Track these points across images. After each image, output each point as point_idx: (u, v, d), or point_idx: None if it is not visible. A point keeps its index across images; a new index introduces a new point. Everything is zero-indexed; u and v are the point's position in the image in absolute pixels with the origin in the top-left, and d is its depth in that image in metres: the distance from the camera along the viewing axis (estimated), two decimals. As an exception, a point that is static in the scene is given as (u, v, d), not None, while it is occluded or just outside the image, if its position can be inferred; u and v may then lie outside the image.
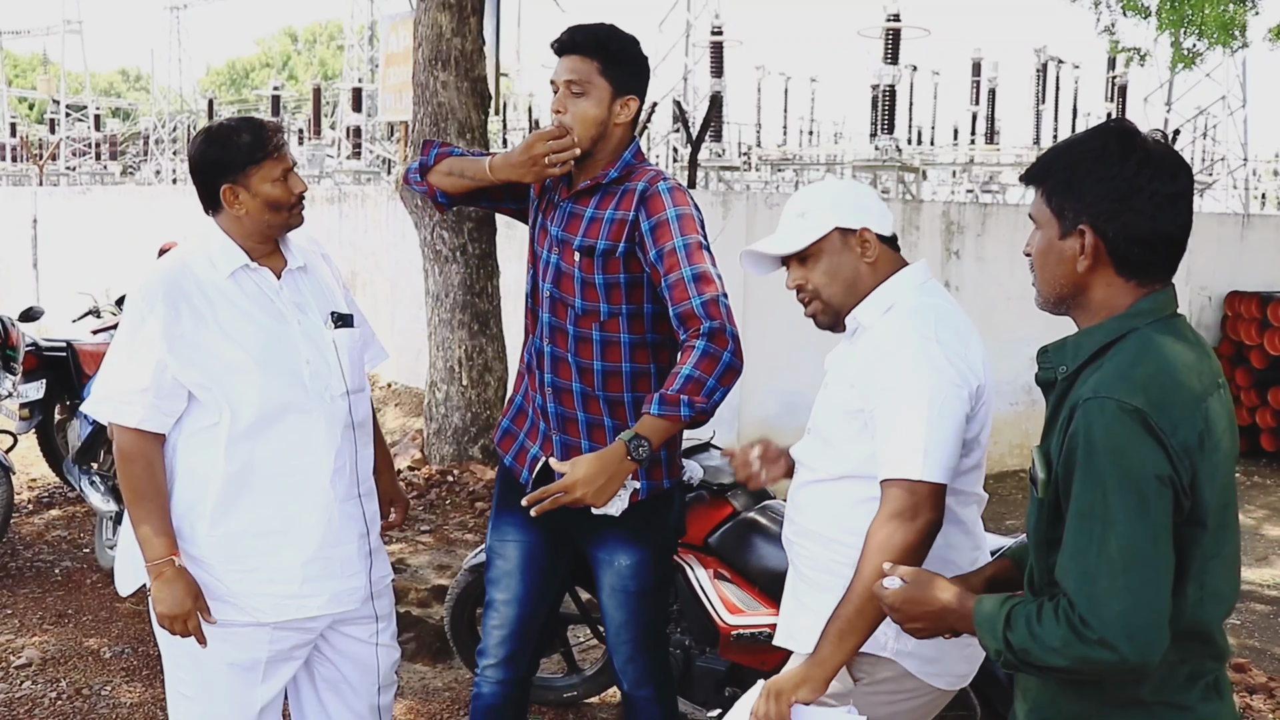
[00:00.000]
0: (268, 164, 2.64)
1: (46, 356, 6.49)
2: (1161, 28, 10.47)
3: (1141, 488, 1.70)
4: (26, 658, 4.65)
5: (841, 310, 2.42)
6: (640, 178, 2.76)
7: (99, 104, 29.85)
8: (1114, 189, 1.83)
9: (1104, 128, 1.90)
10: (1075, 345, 1.89)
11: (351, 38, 23.94)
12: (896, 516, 2.17)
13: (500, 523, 3.00)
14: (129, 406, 2.61)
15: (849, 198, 2.44)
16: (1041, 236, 1.92)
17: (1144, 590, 1.69)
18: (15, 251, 15.30)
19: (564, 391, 2.82)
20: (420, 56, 6.73)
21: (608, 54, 2.72)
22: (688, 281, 2.64)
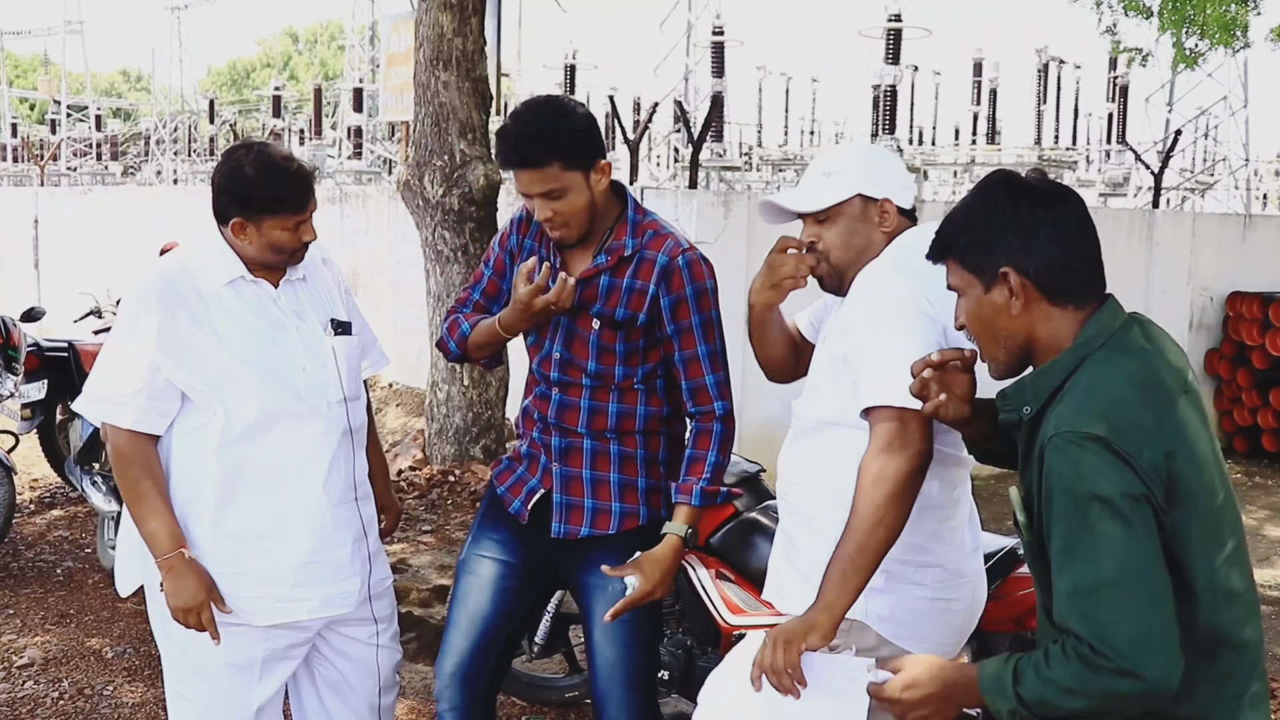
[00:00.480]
0: (285, 215, 2.63)
1: (48, 357, 6.49)
2: (1163, 28, 10.48)
3: (1119, 509, 1.70)
4: (29, 658, 4.66)
5: (846, 273, 2.43)
6: (659, 246, 2.71)
7: (100, 104, 29.84)
8: (1019, 229, 1.89)
9: (986, 182, 1.98)
10: (1033, 385, 1.91)
11: (352, 38, 23.94)
12: (887, 448, 2.16)
13: (482, 537, 2.92)
14: (121, 408, 2.61)
15: (876, 165, 2.44)
16: (969, 300, 1.96)
17: (1150, 608, 1.69)
18: (17, 252, 15.31)
19: (570, 432, 2.80)
20: (421, 56, 6.73)
21: (561, 152, 2.61)
22: (703, 359, 2.73)
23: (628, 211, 2.76)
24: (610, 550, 2.78)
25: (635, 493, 2.80)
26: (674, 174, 15.03)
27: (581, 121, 2.67)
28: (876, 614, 2.33)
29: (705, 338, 2.75)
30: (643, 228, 2.75)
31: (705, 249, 2.90)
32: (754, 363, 2.82)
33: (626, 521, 2.79)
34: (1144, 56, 11.62)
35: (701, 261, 2.75)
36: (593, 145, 2.67)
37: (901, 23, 10.13)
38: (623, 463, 2.79)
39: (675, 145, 16.82)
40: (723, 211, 7.26)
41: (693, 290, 2.72)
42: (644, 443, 2.81)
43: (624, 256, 2.72)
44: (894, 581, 2.32)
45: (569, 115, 2.65)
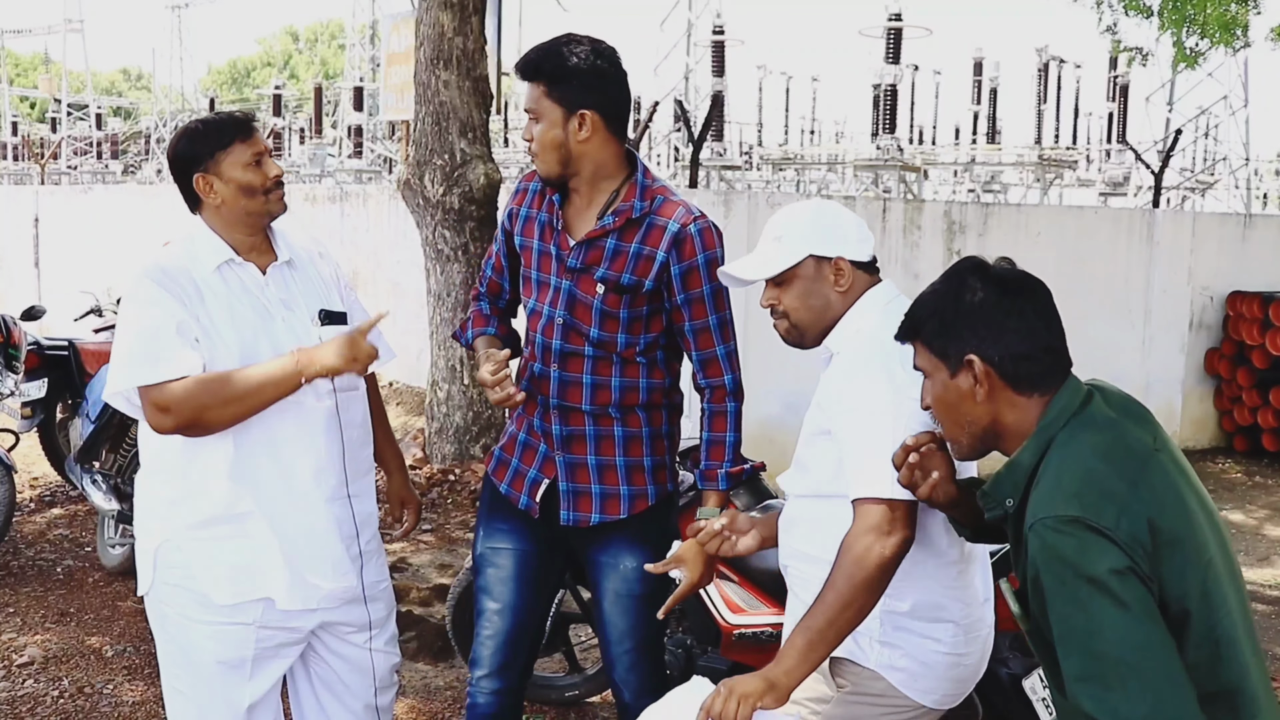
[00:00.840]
0: (236, 148, 2.63)
1: (48, 355, 6.50)
2: (1164, 27, 10.47)
3: (1107, 586, 1.71)
4: (29, 656, 4.66)
5: (808, 332, 2.45)
6: (669, 213, 2.70)
7: (100, 103, 29.85)
8: (985, 319, 1.94)
9: (956, 269, 2.01)
10: (1010, 478, 1.94)
11: (353, 37, 23.95)
12: (871, 531, 2.18)
13: (492, 530, 2.94)
14: (163, 362, 2.51)
15: (826, 226, 2.43)
16: (935, 383, 2.00)
17: (1158, 680, 1.69)
18: (17, 250, 15.31)
19: (572, 412, 2.79)
20: (422, 56, 6.73)
21: (545, 75, 2.64)
22: (714, 329, 2.74)
23: (636, 175, 2.74)
24: (624, 533, 2.80)
25: (642, 473, 2.80)
26: (674, 173, 15.04)
27: (582, 62, 2.65)
28: (889, 664, 2.33)
29: (715, 307, 2.74)
30: (651, 192, 2.73)
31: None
32: (753, 360, 2.83)
33: (636, 504, 2.80)
34: (1144, 56, 11.62)
35: (712, 229, 2.74)
36: (584, 86, 2.64)
37: (902, 22, 10.14)
38: (628, 444, 2.79)
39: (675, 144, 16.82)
40: (723, 211, 7.26)
41: (704, 258, 2.70)
42: (648, 418, 2.80)
43: (631, 219, 2.70)
44: (908, 635, 2.32)
45: (574, 52, 2.65)
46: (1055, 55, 17.94)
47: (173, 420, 2.52)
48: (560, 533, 2.85)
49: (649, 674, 2.92)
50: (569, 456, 2.80)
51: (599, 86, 2.66)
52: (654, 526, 2.83)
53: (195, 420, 2.53)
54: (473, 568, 3.01)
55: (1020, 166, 16.30)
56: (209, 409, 2.52)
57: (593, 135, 2.66)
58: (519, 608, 2.91)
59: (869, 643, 2.32)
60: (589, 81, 2.65)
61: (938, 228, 8.21)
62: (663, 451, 2.83)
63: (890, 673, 2.33)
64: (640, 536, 2.82)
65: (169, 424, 2.53)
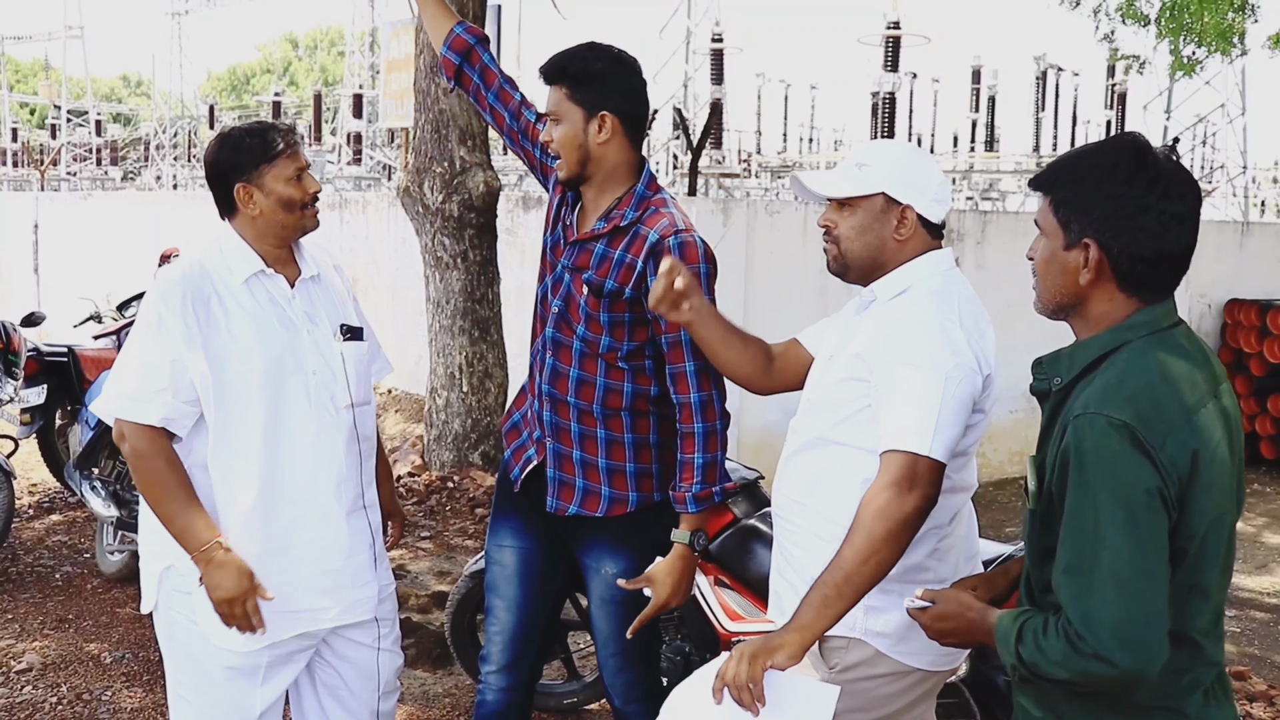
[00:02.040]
0: (280, 162, 2.65)
1: (48, 362, 6.50)
2: (1161, 36, 10.50)
3: (1131, 502, 1.72)
4: (27, 663, 4.66)
5: (853, 267, 2.42)
6: (654, 224, 2.72)
7: (100, 109, 29.89)
8: (1122, 207, 1.83)
9: (1117, 141, 1.90)
10: (1069, 358, 1.91)
11: (353, 44, 23.99)
12: (895, 485, 2.15)
13: (497, 528, 3.01)
14: (147, 404, 2.58)
15: (911, 169, 2.39)
16: (1046, 245, 1.93)
17: (1136, 603, 1.71)
18: (17, 256, 15.31)
19: (560, 402, 2.83)
20: (422, 63, 6.74)
21: (569, 77, 2.71)
22: (684, 345, 2.71)
23: (638, 185, 2.78)
24: (605, 537, 2.84)
25: (624, 478, 2.82)
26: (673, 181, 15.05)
27: (603, 65, 2.73)
28: (874, 630, 2.34)
29: (666, 326, 2.71)
30: (647, 203, 2.76)
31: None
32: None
33: (615, 507, 2.82)
34: (1141, 64, 11.65)
35: (695, 244, 2.72)
36: (604, 89, 2.71)
37: (900, 30, 10.16)
38: (610, 448, 2.81)
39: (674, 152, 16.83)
40: (722, 219, 7.27)
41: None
42: (631, 424, 2.81)
43: (619, 227, 2.74)
44: (892, 598, 2.31)
45: (596, 55, 2.74)
46: (1053, 63, 17.96)
47: (124, 450, 2.64)
48: (555, 526, 2.89)
49: (639, 678, 2.95)
50: (557, 445, 2.85)
51: (619, 91, 2.73)
52: (636, 533, 2.84)
53: (132, 466, 2.65)
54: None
55: (1019, 174, 16.32)
56: (140, 475, 2.61)
57: (611, 138, 2.73)
58: (523, 604, 2.95)
59: (853, 614, 2.28)
60: (610, 85, 2.72)
61: (936, 235, 8.22)
62: (648, 460, 2.83)
63: (876, 639, 2.33)
64: (621, 542, 2.84)
65: (122, 449, 2.65)
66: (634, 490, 2.82)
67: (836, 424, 2.36)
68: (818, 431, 2.40)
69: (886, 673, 2.36)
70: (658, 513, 2.87)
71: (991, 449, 8.48)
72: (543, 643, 3.05)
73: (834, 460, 2.36)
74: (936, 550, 2.38)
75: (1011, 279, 8.66)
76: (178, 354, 2.57)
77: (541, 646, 3.06)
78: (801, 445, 2.45)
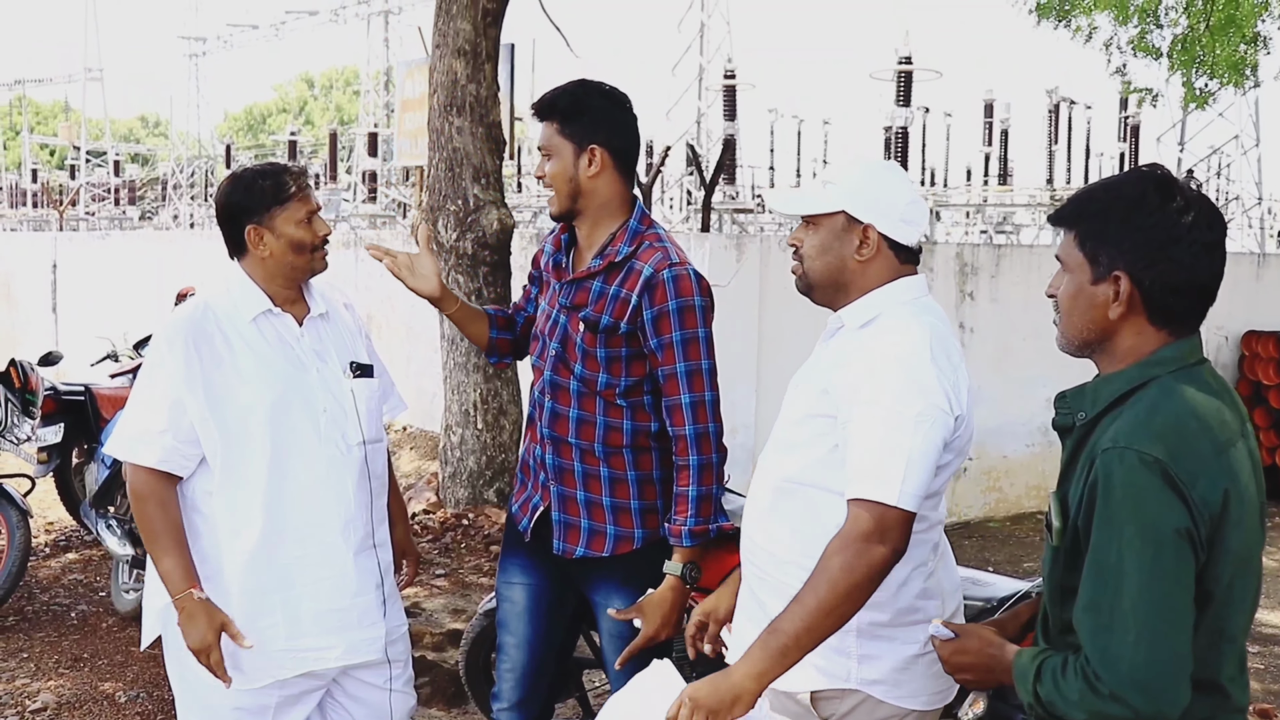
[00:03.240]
0: (292, 205, 2.68)
1: (65, 400, 6.52)
2: (1173, 68, 10.51)
3: (1159, 540, 1.69)
4: (42, 701, 4.65)
5: (815, 286, 2.36)
6: (648, 258, 2.73)
7: (119, 150, 30.18)
8: (1153, 237, 1.80)
9: (1141, 173, 1.88)
10: (1094, 392, 1.88)
11: (367, 83, 24.21)
12: (862, 539, 2.07)
13: (507, 565, 3.02)
14: (147, 447, 2.62)
15: (874, 188, 2.31)
16: (1071, 280, 1.90)
17: (1157, 644, 1.68)
18: (35, 296, 15.43)
19: (562, 444, 2.83)
20: (436, 102, 6.79)
21: (559, 112, 2.76)
22: (680, 377, 2.71)
23: (631, 220, 2.80)
24: (608, 573, 2.84)
25: (629, 515, 2.82)
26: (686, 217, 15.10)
27: (593, 100, 2.78)
28: (869, 679, 2.27)
29: (685, 355, 2.72)
30: (641, 238, 2.78)
31: (718, 292, 2.91)
32: (769, 389, 2.81)
33: (620, 545, 2.82)
34: (1154, 97, 11.64)
35: (690, 277, 2.73)
36: (594, 123, 2.75)
37: (912, 65, 10.21)
38: (614, 486, 2.81)
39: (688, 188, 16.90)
40: (735, 254, 7.28)
41: (676, 305, 2.70)
42: (633, 461, 2.81)
43: (614, 263, 2.76)
44: (884, 644, 2.26)
45: (591, 94, 2.78)
46: (1066, 96, 17.99)
47: (130, 489, 2.69)
48: (562, 566, 2.89)
49: None
50: (561, 488, 2.85)
51: (608, 125, 2.77)
52: (643, 570, 2.83)
53: (131, 505, 2.71)
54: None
55: (1032, 207, 16.33)
56: (136, 514, 2.68)
57: (601, 171, 2.76)
58: (534, 642, 2.96)
59: (845, 663, 2.25)
60: (599, 119, 2.77)
61: (950, 269, 8.22)
62: (653, 496, 2.83)
63: (872, 687, 2.27)
64: (627, 579, 2.83)
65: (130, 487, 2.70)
66: (639, 527, 2.82)
67: (804, 467, 2.28)
68: (786, 473, 2.32)
69: (883, 718, 2.30)
70: (664, 549, 2.86)
71: (1008, 483, 8.43)
72: (555, 680, 3.05)
73: (807, 504, 2.28)
74: (925, 590, 2.31)
75: (1026, 313, 8.65)
76: (177, 395, 2.60)
77: (553, 684, 3.05)
78: (770, 489, 2.36)
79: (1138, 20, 10.26)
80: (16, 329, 15.44)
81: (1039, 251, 9.57)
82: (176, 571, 2.60)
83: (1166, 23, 10.38)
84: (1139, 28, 10.39)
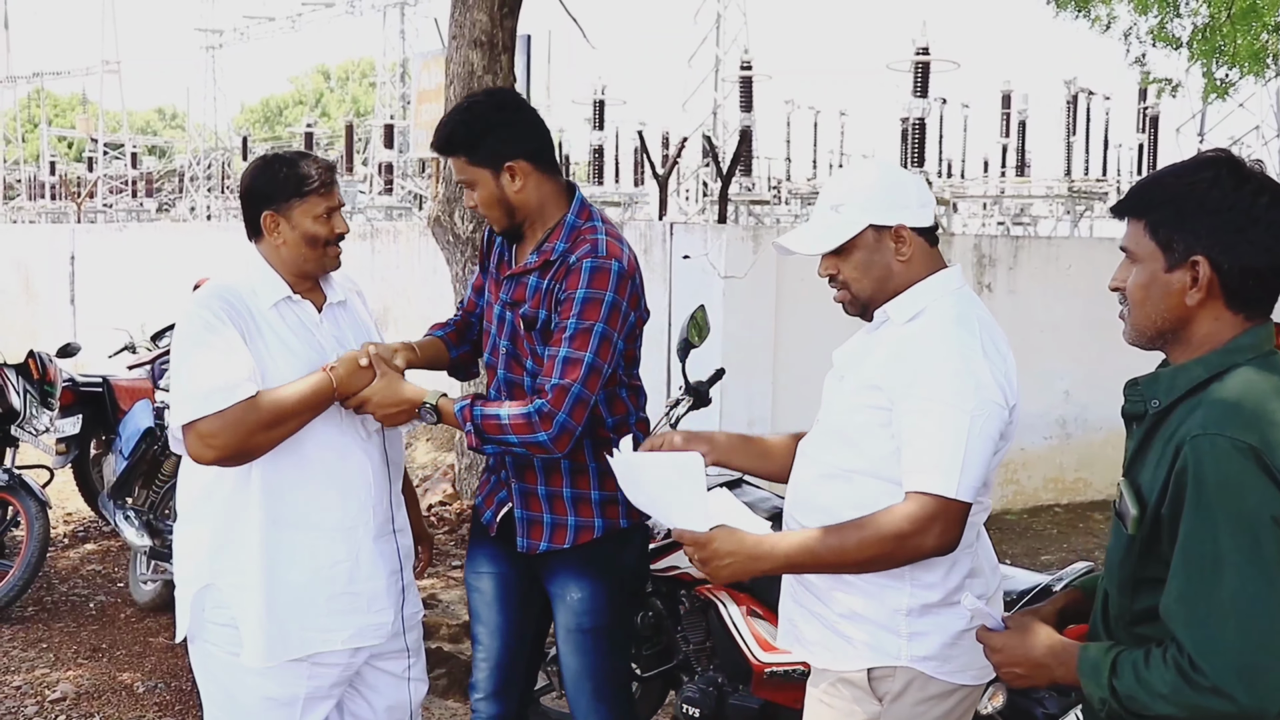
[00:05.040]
0: (312, 199, 2.66)
1: (83, 392, 6.56)
2: (1193, 58, 10.42)
3: (1255, 528, 1.65)
4: (61, 692, 4.67)
5: (872, 303, 2.38)
6: (579, 249, 2.73)
7: (136, 142, 30.29)
8: (1231, 221, 1.77)
9: (1210, 157, 1.85)
10: (1170, 379, 1.84)
11: (383, 75, 24.23)
12: (921, 521, 2.15)
13: (475, 556, 3.04)
14: (240, 386, 2.51)
15: (885, 191, 2.33)
16: (1142, 270, 1.86)
17: (1261, 635, 1.64)
18: (53, 288, 15.50)
19: None
20: (452, 94, 6.78)
21: (460, 145, 2.72)
22: (558, 361, 2.65)
23: (569, 214, 2.79)
24: (570, 563, 2.85)
25: (589, 505, 2.84)
26: (703, 208, 15.07)
27: (489, 123, 2.72)
28: (919, 655, 2.31)
29: (571, 343, 2.64)
30: (578, 233, 2.77)
31: (735, 283, 2.91)
32: (786, 382, 2.80)
33: (581, 535, 2.84)
34: (1174, 87, 11.55)
35: (608, 270, 2.68)
36: (498, 147, 2.71)
37: (929, 56, 10.15)
38: (574, 476, 2.83)
39: (704, 180, 16.87)
40: (752, 246, 7.26)
41: (583, 295, 2.66)
42: (593, 453, 2.82)
43: (550, 260, 2.75)
44: (931, 620, 2.30)
45: (482, 115, 2.73)
46: (1084, 87, 17.87)
47: (216, 451, 2.51)
48: (527, 560, 2.91)
49: (610, 717, 2.92)
50: (522, 484, 2.86)
51: (513, 136, 2.73)
52: (601, 559, 2.85)
53: (240, 449, 2.52)
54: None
55: (1050, 199, 16.24)
56: (254, 434, 2.52)
57: (526, 181, 2.74)
58: (506, 630, 2.97)
59: (895, 641, 2.29)
60: (503, 135, 2.72)
61: (967, 261, 8.18)
62: (613, 486, 2.79)
63: (923, 664, 2.30)
64: (586, 567, 2.84)
65: (211, 455, 2.52)
66: (599, 517, 2.84)
67: (860, 457, 2.32)
68: (840, 464, 2.35)
69: (934, 694, 2.33)
70: (623, 540, 2.89)
71: (1026, 475, 8.39)
72: (530, 668, 3.07)
73: (859, 492, 2.31)
74: (972, 569, 2.35)
75: (1044, 305, 8.61)
76: (236, 345, 2.55)
77: (530, 671, 3.07)
78: (821, 475, 2.40)
79: (1157, 9, 10.17)
80: (35, 321, 15.52)
81: (1057, 243, 9.53)
82: (309, 389, 2.58)
83: (1186, 12, 10.29)
84: (1158, 17, 10.30)
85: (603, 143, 16.60)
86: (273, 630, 2.64)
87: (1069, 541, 7.56)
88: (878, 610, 2.29)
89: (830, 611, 2.36)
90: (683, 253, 6.98)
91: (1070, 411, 8.44)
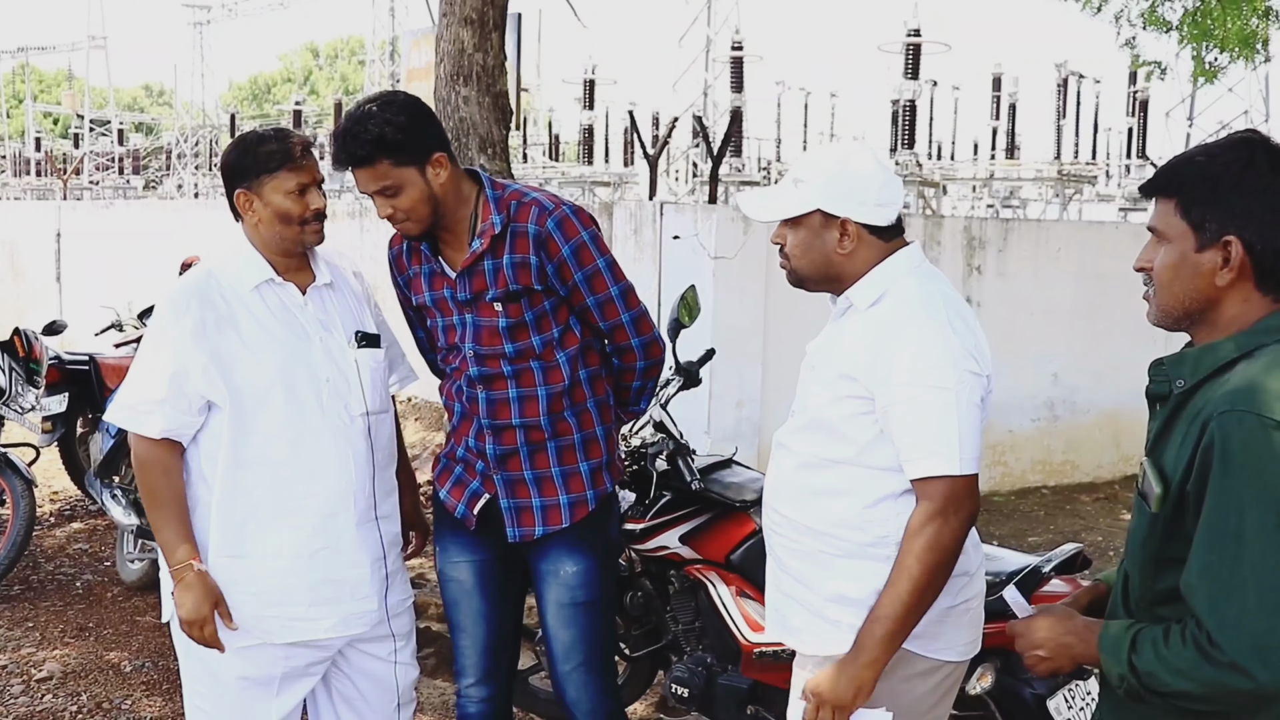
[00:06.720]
0: (283, 174, 2.62)
1: (69, 370, 6.53)
2: (1183, 42, 10.41)
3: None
4: (48, 671, 4.67)
5: (806, 280, 2.41)
6: (525, 217, 2.72)
7: (122, 119, 30.08)
8: (1266, 201, 1.76)
9: (1242, 138, 1.84)
10: (1195, 360, 1.83)
11: (373, 53, 24.12)
12: (939, 514, 2.19)
13: (447, 546, 2.98)
14: (147, 415, 2.61)
15: (844, 181, 2.31)
16: (1171, 250, 1.84)
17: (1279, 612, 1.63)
18: (39, 265, 15.42)
19: (504, 430, 2.82)
20: (442, 72, 6.74)
21: (386, 148, 2.62)
22: (616, 299, 2.79)
23: (486, 190, 2.77)
24: (564, 539, 2.85)
25: (580, 479, 2.84)
26: (693, 189, 15.05)
27: (410, 117, 2.66)
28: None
29: (615, 278, 2.81)
30: (505, 201, 2.76)
31: (725, 264, 2.92)
32: (775, 363, 2.80)
33: (577, 511, 2.84)
34: (1163, 70, 11.55)
35: (570, 217, 2.74)
36: (423, 140, 2.67)
37: (921, 38, 10.14)
38: (561, 454, 2.82)
39: (694, 160, 16.85)
40: (742, 227, 7.24)
41: (576, 243, 2.73)
42: (578, 423, 2.83)
43: (495, 236, 2.73)
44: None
45: (397, 112, 2.65)
46: (1074, 70, 17.86)
47: (134, 457, 2.69)
48: (512, 545, 2.89)
49: (602, 695, 2.93)
50: (506, 474, 2.84)
51: (427, 130, 2.70)
52: (593, 533, 2.87)
53: (135, 473, 2.72)
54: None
55: (1040, 182, 16.25)
56: (140, 483, 2.69)
57: (448, 171, 2.71)
58: (490, 615, 2.96)
59: None
60: (421, 129, 2.67)
61: (957, 243, 8.18)
62: (598, 454, 2.86)
63: (909, 641, 2.30)
64: (580, 540, 2.85)
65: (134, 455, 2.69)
66: (590, 488, 2.85)
67: (845, 446, 2.31)
68: (821, 454, 2.35)
69: (919, 671, 2.35)
70: (609, 508, 2.92)
71: (1014, 458, 8.42)
72: (514, 652, 3.07)
73: (841, 480, 2.32)
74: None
75: (1033, 287, 8.62)
76: (180, 365, 2.58)
77: (514, 656, 3.08)
78: (800, 464, 2.39)
79: (1149, -8, 10.17)
80: (21, 298, 15.44)
81: (1046, 226, 9.53)
82: (175, 542, 2.60)
83: (1178, -5, 10.29)
84: (1149, 0, 10.30)
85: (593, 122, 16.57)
86: (254, 616, 2.64)
87: (1056, 523, 7.59)
88: (863, 591, 2.29)
89: (816, 597, 2.36)
90: (673, 233, 6.96)
91: (1058, 394, 8.46)
